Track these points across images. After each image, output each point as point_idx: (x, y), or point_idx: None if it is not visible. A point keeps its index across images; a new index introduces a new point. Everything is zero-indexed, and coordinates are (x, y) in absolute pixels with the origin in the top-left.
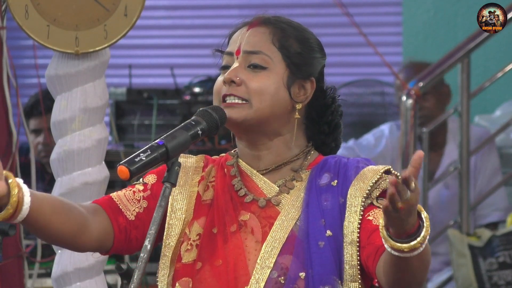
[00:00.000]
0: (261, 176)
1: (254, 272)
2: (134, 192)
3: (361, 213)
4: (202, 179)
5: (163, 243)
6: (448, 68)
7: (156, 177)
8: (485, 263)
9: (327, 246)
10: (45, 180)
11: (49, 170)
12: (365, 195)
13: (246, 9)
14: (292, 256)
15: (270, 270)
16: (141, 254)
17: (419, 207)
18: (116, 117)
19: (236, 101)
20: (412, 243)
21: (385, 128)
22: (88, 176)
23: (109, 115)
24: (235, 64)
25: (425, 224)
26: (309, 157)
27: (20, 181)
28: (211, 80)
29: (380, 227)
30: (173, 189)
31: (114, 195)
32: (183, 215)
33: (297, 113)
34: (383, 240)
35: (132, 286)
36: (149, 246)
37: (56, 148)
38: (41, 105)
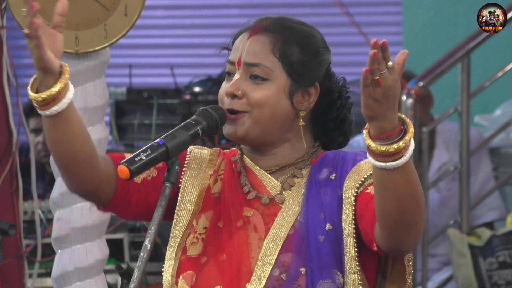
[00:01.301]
0: (265, 172)
1: (255, 269)
2: None
3: (354, 203)
4: (214, 172)
5: (171, 234)
6: (448, 68)
7: None
8: (485, 263)
9: (327, 240)
10: (45, 180)
11: (49, 170)
12: (358, 186)
13: (246, 8)
14: (293, 253)
15: (271, 267)
16: (141, 254)
17: (402, 116)
18: (116, 116)
19: (238, 114)
20: (396, 144)
21: None
22: None
23: (109, 115)
24: (237, 76)
25: (409, 130)
26: (313, 156)
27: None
28: (211, 80)
29: (364, 134)
30: (185, 179)
31: (127, 154)
32: (192, 207)
33: (301, 120)
34: (367, 150)
35: (132, 286)
36: (149, 246)
37: None
38: None
